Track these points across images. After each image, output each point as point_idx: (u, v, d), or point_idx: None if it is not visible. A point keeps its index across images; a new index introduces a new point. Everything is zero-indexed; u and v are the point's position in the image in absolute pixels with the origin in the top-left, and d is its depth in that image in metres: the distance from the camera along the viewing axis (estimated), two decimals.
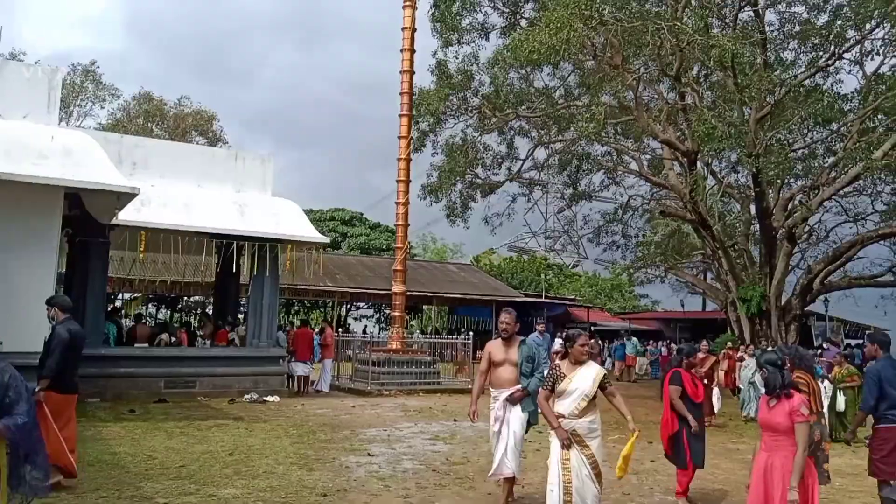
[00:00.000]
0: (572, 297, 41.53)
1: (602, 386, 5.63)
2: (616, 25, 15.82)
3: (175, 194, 14.62)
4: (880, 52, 19.70)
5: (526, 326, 27.47)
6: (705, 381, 10.53)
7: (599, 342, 27.96)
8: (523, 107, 22.92)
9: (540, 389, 5.89)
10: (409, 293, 21.24)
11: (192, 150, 19.14)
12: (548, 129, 24.80)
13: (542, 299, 36.09)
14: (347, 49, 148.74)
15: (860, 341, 28.55)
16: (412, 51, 19.01)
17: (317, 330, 21.11)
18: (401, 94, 19.02)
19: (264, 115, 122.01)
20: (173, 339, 15.79)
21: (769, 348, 16.42)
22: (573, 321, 36.39)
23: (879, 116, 20.50)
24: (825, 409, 11.55)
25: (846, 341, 28.04)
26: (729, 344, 20.72)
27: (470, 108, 23.06)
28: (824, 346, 23.70)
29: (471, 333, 19.28)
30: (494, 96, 22.44)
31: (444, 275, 34.67)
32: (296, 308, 41.96)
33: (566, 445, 5.47)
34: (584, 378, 5.60)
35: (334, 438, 10.47)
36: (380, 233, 43.15)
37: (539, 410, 6.21)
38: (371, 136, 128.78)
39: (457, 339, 20.01)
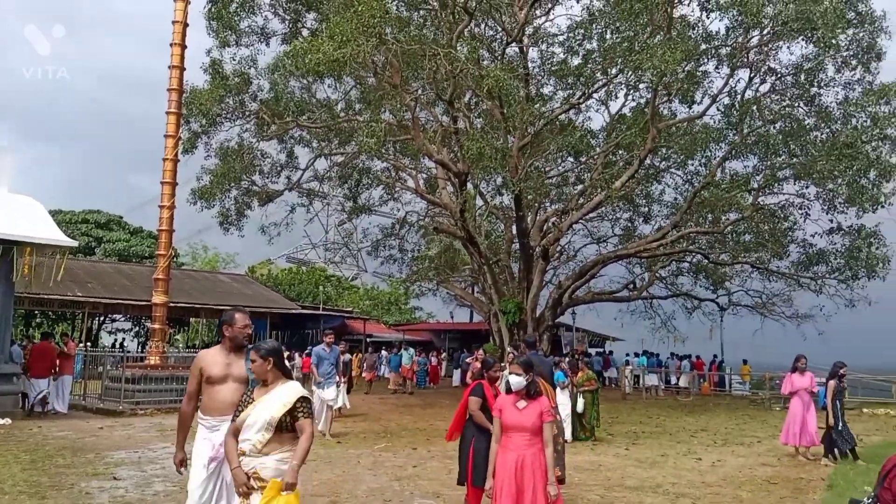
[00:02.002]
0: (350, 309, 41.72)
1: (294, 414, 4.17)
2: (396, 46, 16.32)
3: None
4: (622, 95, 22.52)
5: (303, 340, 27.01)
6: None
7: (376, 353, 28.28)
8: (304, 116, 22.65)
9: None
10: (173, 304, 19.81)
11: None
12: (329, 141, 24.77)
13: (320, 311, 35.79)
14: (113, 42, 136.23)
15: (601, 350, 32.18)
16: (183, 46, 17.92)
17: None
18: (169, 90, 17.81)
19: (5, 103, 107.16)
20: None
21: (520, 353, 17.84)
22: (350, 333, 36.56)
23: (620, 152, 23.41)
24: (560, 409, 12.80)
25: (590, 350, 31.40)
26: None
27: (247, 113, 22.29)
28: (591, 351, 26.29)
29: (247, 346, 18.45)
30: (274, 103, 21.94)
31: (215, 285, 32.95)
32: (38, 320, 37.14)
33: (243, 493, 4.10)
34: (269, 403, 4.20)
35: (75, 463, 9.41)
36: (141, 238, 39.71)
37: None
38: (138, 136, 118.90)
39: None
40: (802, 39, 18.00)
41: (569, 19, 23.15)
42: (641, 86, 19.56)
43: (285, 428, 4.15)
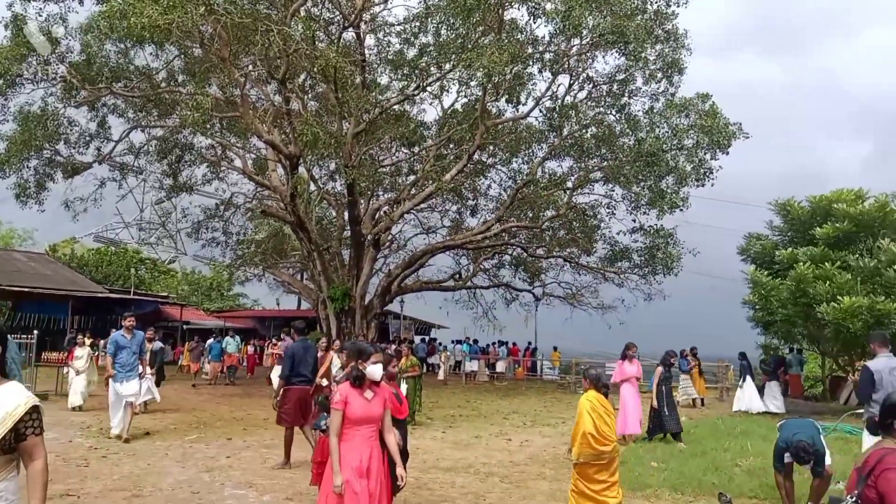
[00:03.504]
0: (165, 294, 39.22)
1: (20, 431, 2.90)
2: (226, 17, 15.52)
3: None
4: (455, 90, 23.11)
5: (113, 325, 24.93)
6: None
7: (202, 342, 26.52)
8: (120, 83, 20.94)
9: None
10: None
11: None
12: (147, 112, 23.12)
13: (131, 296, 33.30)
14: None
15: (425, 337, 32.98)
16: None
17: None
18: None
19: None
20: None
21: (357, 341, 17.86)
22: (165, 320, 34.39)
23: (451, 146, 24.07)
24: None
25: (416, 337, 32.08)
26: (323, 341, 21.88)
27: (53, 76, 20.15)
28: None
29: (35, 332, 16.67)
30: (86, 67, 20.05)
31: (8, 264, 29.50)
32: None
33: None
34: None
35: None
36: None
37: None
38: None
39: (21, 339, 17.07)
40: (616, 51, 19.52)
41: (406, 10, 23.40)
42: (473, 83, 20.18)
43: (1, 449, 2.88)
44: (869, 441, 6.06)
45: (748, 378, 17.22)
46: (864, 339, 15.90)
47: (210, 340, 24.57)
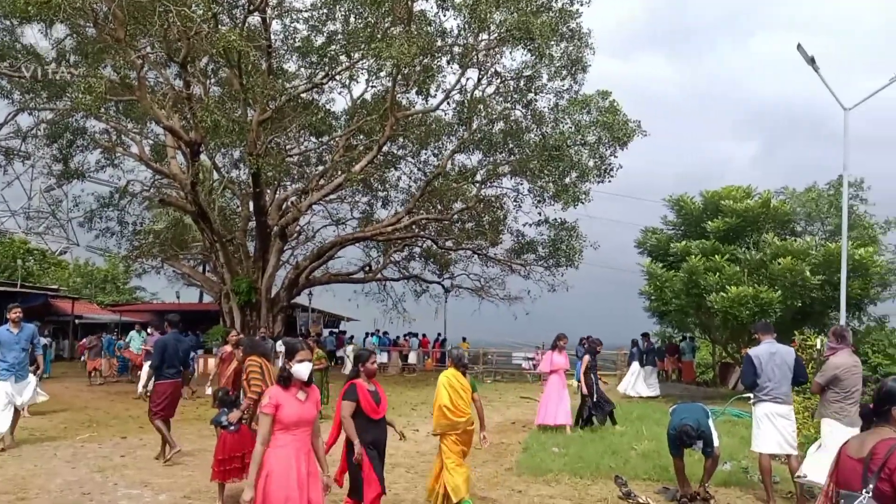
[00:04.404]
0: (56, 286, 36.93)
1: None
2: None
3: None
4: (364, 80, 22.89)
5: None
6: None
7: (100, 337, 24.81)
8: (5, 63, 19.57)
9: None
10: None
11: None
12: (36, 94, 21.72)
13: (18, 289, 31.16)
14: None
15: (333, 330, 32.64)
16: None
17: None
18: None
19: None
20: None
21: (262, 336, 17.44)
22: (55, 314, 32.40)
23: (361, 136, 23.85)
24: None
25: (325, 330, 31.63)
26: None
27: None
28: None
29: None
30: None
31: None
32: None
33: None
34: None
35: None
36: None
37: None
38: None
39: None
40: (523, 47, 19.89)
41: None
42: (382, 74, 20.07)
43: None
44: (839, 431, 6.43)
45: (634, 364, 18.39)
46: (751, 327, 17.01)
47: (106, 335, 23.24)
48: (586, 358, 12.08)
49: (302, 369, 4.40)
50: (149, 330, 18.44)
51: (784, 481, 7.73)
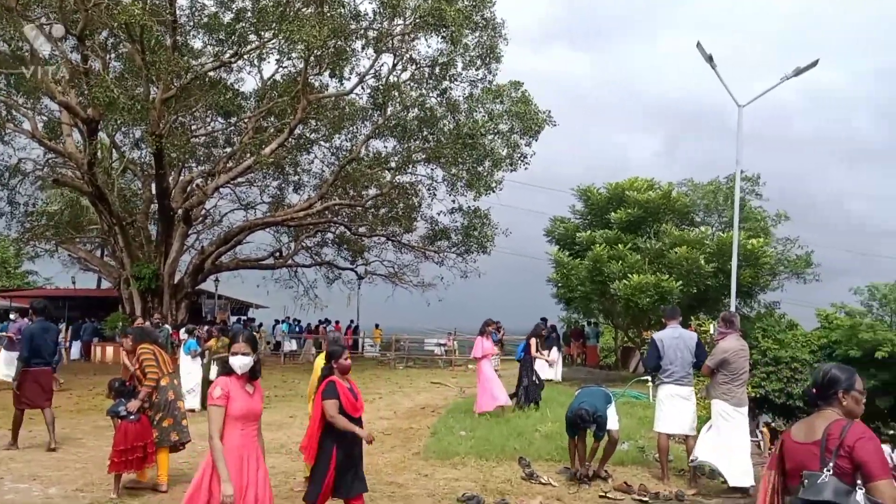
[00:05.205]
0: None
1: None
2: None
3: None
4: (275, 60, 22.28)
5: None
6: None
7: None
8: None
9: None
10: None
11: None
12: None
13: None
14: None
15: (241, 317, 31.84)
16: None
17: None
18: None
19: None
20: None
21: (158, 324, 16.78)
22: None
23: (271, 118, 23.24)
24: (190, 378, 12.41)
25: (232, 317, 30.81)
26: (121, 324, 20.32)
27: None
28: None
29: None
30: None
31: None
32: None
33: None
34: None
35: None
36: None
37: None
38: None
39: None
40: (437, 35, 19.90)
41: None
42: (294, 55, 19.60)
43: None
44: (727, 411, 6.84)
45: (554, 349, 18.81)
46: (651, 313, 17.80)
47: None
48: (534, 341, 12.19)
49: (236, 362, 4.19)
50: (11, 316, 17.50)
51: (678, 459, 8.14)
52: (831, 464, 3.07)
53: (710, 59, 14.07)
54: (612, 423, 7.47)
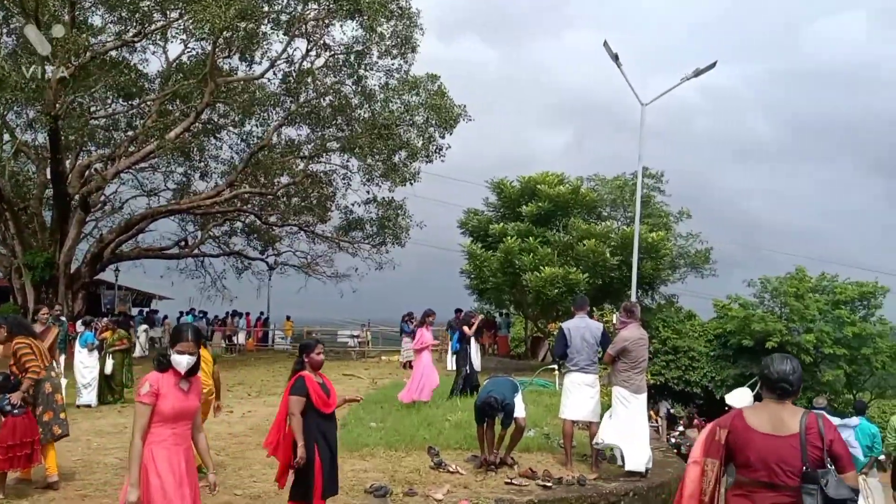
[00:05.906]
0: None
1: None
2: None
3: None
4: (181, 42, 21.37)
5: None
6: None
7: None
8: None
9: None
10: None
11: None
12: None
13: None
14: None
15: (145, 309, 30.53)
16: None
17: None
18: None
19: None
20: None
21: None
22: None
23: (177, 101, 22.29)
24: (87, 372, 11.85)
25: (134, 309, 29.49)
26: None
27: None
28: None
29: None
30: None
31: None
32: None
33: None
34: None
35: None
36: None
37: None
38: None
39: None
40: (352, 20, 19.62)
41: None
42: (201, 35, 18.86)
43: None
44: (626, 398, 7.04)
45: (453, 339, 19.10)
46: (559, 304, 18.30)
47: None
48: (466, 328, 12.25)
49: (180, 361, 3.96)
50: None
51: (581, 445, 8.41)
52: (828, 460, 3.13)
53: (615, 57, 14.55)
54: (520, 411, 7.65)
